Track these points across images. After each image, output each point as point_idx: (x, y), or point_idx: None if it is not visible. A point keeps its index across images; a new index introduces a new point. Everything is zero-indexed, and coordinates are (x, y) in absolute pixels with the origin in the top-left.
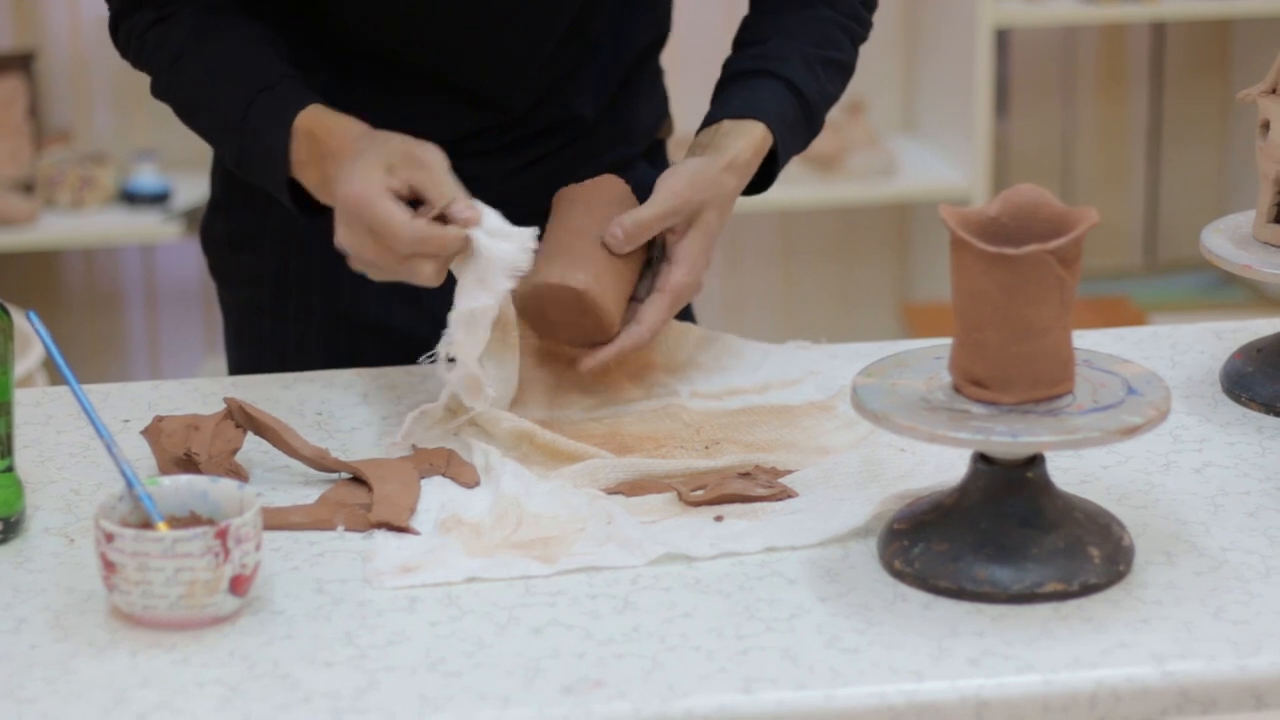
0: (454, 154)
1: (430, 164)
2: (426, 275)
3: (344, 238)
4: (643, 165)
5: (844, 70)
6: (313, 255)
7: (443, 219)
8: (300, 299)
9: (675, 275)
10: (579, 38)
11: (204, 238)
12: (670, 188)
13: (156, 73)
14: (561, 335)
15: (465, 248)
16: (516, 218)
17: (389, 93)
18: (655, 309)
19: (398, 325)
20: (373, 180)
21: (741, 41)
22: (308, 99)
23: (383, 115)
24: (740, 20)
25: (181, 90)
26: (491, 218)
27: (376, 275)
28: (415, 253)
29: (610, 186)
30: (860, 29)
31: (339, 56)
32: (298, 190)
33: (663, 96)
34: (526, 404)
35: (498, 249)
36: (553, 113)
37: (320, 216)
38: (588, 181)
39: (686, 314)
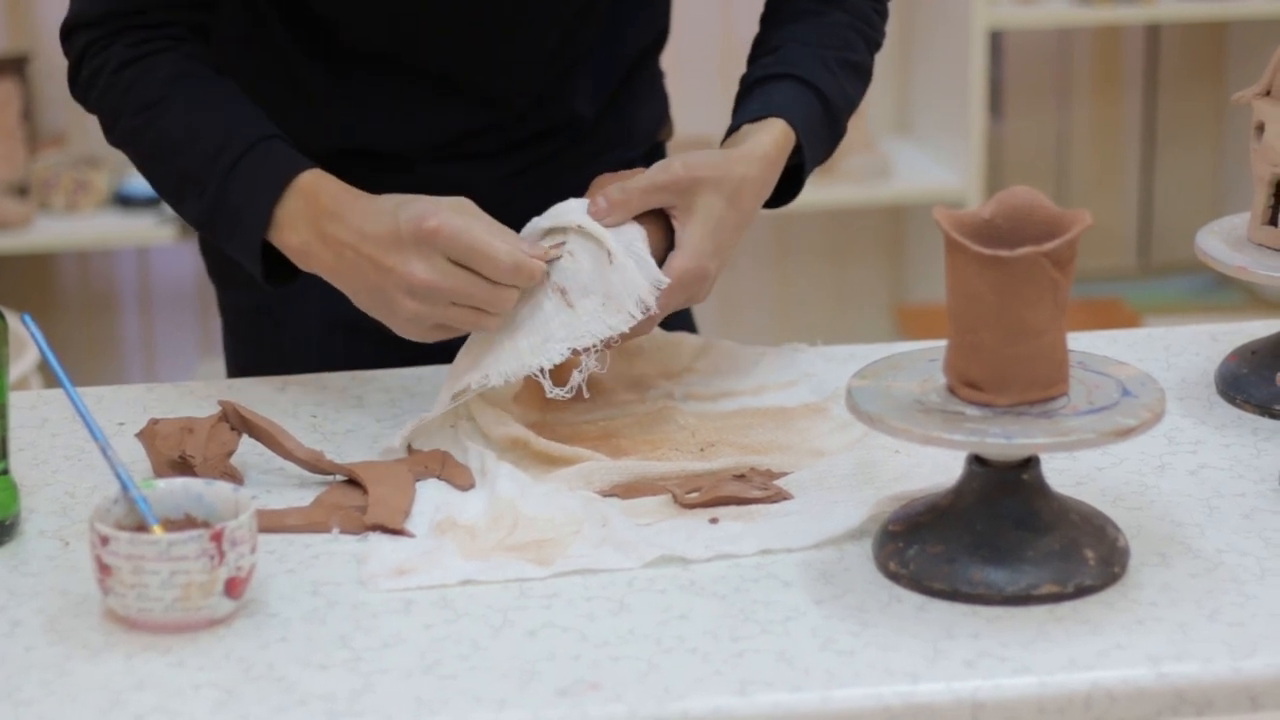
0: (454, 156)
1: (475, 210)
2: (508, 303)
3: (422, 273)
4: (643, 168)
5: (861, 73)
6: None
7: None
8: (299, 304)
9: (678, 261)
10: (577, 35)
11: (202, 241)
12: (664, 163)
13: (121, 116)
14: None
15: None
16: (516, 221)
17: (386, 91)
18: (661, 294)
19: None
20: (450, 212)
21: (755, 56)
22: (306, 161)
23: (380, 114)
24: (747, 36)
25: (151, 135)
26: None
27: (445, 319)
28: (509, 281)
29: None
30: (873, 32)
31: (336, 56)
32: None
33: (663, 99)
34: (521, 406)
35: (637, 273)
36: (552, 112)
37: (281, 286)
38: (622, 173)
39: (687, 323)
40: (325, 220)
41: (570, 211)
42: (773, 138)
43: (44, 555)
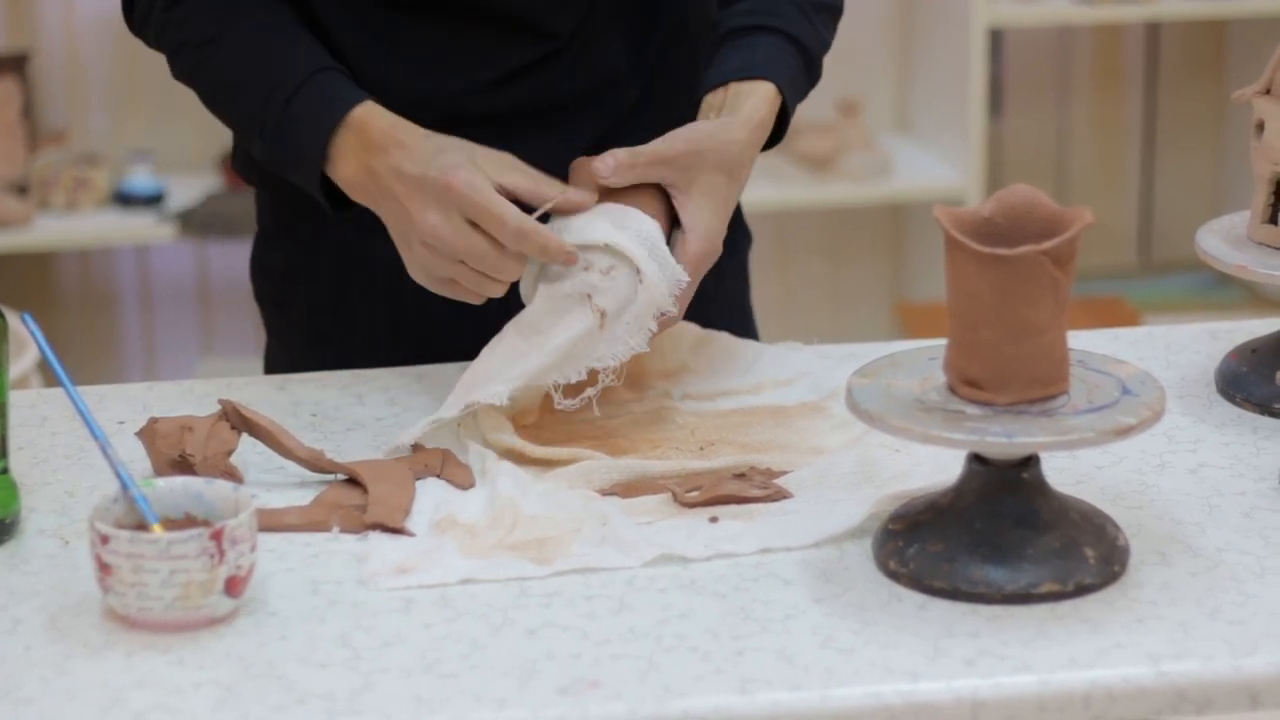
0: (499, 120)
1: (516, 164)
2: (512, 273)
3: (435, 225)
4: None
5: (835, 13)
6: (374, 281)
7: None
8: (366, 326)
9: (691, 245)
10: None
11: (254, 267)
12: (670, 135)
13: (178, 54)
14: None
15: (562, 260)
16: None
17: (415, 24)
18: None
19: (466, 339)
20: (466, 165)
21: None
22: (360, 93)
23: (411, 55)
24: None
25: (209, 74)
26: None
27: (452, 274)
28: (514, 246)
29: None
30: None
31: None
32: (327, 184)
33: None
34: (520, 402)
35: (661, 281)
36: (592, 60)
37: (346, 211)
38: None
39: (749, 324)
40: (372, 153)
41: (596, 230)
42: (766, 101)
43: (44, 554)
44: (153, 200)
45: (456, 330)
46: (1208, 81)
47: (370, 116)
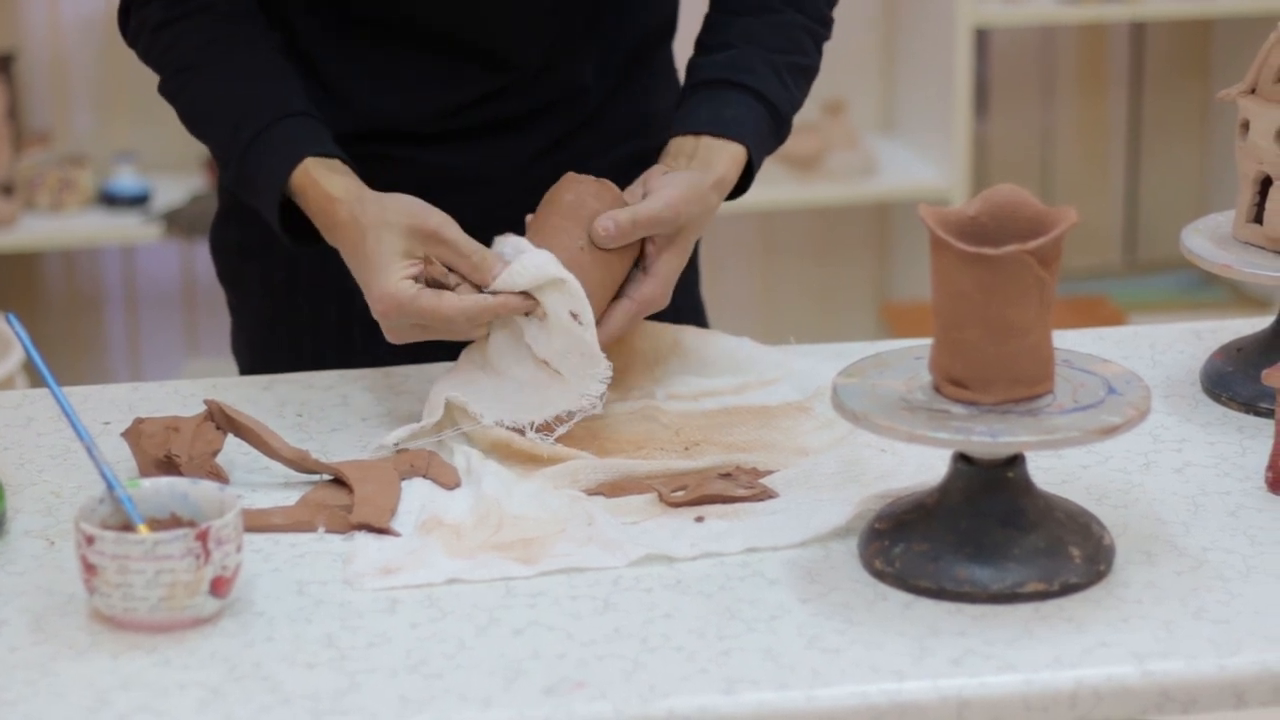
0: (465, 132)
1: (443, 234)
2: (473, 335)
3: (395, 334)
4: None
5: (810, 75)
6: (326, 261)
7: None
8: (313, 309)
9: (647, 288)
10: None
11: (213, 244)
12: (667, 196)
13: (163, 74)
14: None
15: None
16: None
17: (393, 58)
18: (620, 316)
19: None
20: (396, 278)
21: (707, 45)
22: (310, 146)
23: (388, 83)
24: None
25: (187, 102)
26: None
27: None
28: (471, 334)
29: (606, 191)
30: (824, 31)
31: (343, 25)
32: (290, 221)
33: (678, 93)
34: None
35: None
36: (558, 79)
37: (313, 244)
38: (582, 180)
39: (702, 320)
40: (316, 217)
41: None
42: (735, 163)
43: (29, 555)
44: (138, 201)
45: None
46: (1193, 81)
47: (307, 184)
